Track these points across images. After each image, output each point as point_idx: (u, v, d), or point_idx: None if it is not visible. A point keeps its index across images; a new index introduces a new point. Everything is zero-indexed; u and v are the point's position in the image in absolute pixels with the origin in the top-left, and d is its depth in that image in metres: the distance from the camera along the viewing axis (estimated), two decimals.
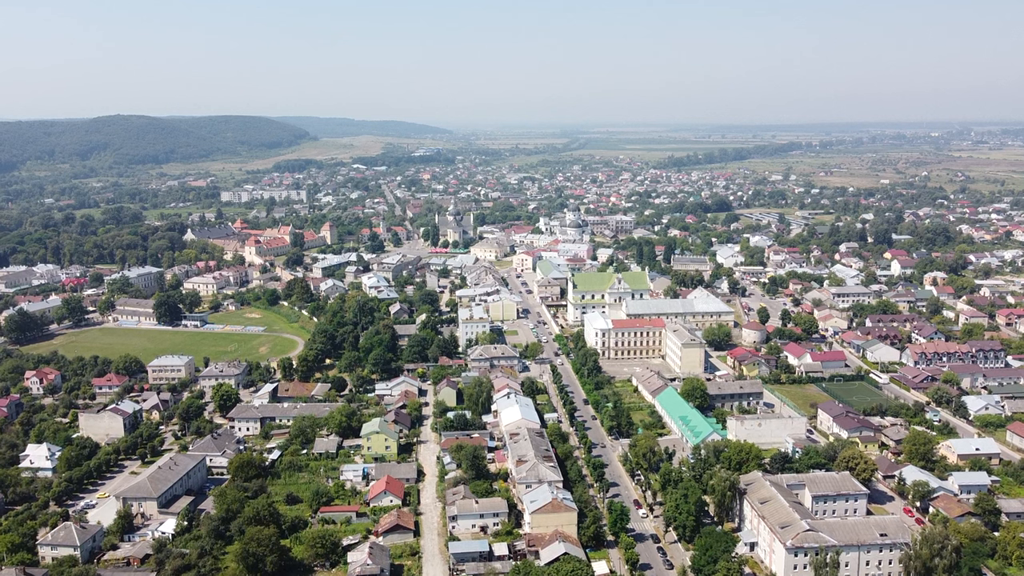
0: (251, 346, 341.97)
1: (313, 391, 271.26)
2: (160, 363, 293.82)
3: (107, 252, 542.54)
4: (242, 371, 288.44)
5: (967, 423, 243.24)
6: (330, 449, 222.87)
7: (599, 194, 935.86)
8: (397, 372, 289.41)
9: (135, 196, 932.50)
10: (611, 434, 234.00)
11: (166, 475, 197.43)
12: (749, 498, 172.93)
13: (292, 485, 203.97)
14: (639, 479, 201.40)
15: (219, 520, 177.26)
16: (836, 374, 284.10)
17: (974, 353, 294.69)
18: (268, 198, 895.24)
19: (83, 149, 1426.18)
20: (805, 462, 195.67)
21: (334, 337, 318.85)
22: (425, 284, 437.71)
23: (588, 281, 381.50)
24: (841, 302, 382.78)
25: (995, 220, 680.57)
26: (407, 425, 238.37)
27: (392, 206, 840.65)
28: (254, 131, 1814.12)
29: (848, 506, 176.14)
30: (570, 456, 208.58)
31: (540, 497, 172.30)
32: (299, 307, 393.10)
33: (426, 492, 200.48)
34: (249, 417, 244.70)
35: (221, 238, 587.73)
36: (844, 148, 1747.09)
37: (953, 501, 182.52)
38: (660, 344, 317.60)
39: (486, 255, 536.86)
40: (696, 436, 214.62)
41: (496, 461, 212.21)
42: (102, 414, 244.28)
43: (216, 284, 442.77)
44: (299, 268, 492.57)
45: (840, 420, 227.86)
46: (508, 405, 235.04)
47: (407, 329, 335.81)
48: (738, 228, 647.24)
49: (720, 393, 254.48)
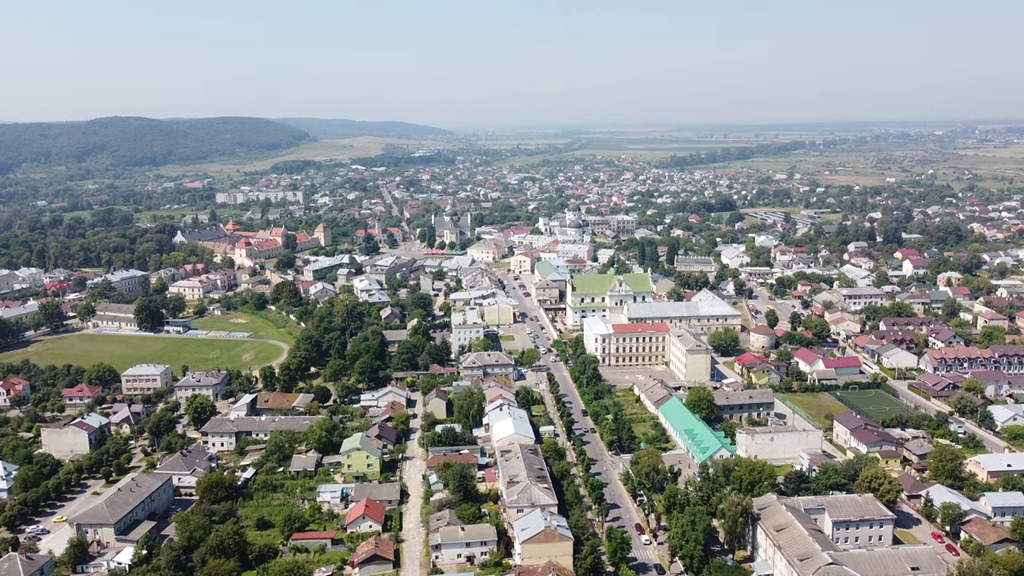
0: (234, 353, 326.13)
1: (295, 402, 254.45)
2: (135, 372, 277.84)
3: (94, 255, 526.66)
4: (221, 381, 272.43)
5: (994, 435, 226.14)
6: (308, 467, 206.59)
7: (600, 194, 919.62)
8: (385, 381, 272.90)
9: (129, 198, 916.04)
10: (611, 449, 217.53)
11: (126, 498, 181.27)
12: (763, 524, 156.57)
13: (265, 508, 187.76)
14: (642, 500, 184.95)
15: (180, 549, 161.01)
16: (851, 381, 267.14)
17: (997, 358, 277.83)
18: (264, 199, 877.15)
19: (80, 151, 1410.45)
20: (823, 482, 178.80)
21: (320, 344, 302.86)
22: (419, 287, 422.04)
23: (588, 283, 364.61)
24: (853, 304, 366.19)
25: (1006, 218, 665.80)
26: (392, 440, 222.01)
27: (390, 207, 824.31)
28: (253, 132, 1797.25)
29: (873, 533, 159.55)
30: (567, 475, 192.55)
31: (532, 524, 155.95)
32: (287, 312, 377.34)
33: (410, 515, 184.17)
34: (223, 431, 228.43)
35: (212, 240, 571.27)
36: (848, 147, 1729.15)
37: (987, 525, 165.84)
38: (663, 350, 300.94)
39: (483, 256, 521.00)
40: (703, 452, 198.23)
41: (487, 480, 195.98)
42: (66, 429, 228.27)
43: (203, 288, 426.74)
44: (290, 271, 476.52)
45: (858, 433, 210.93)
46: (500, 418, 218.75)
47: (397, 335, 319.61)
48: (743, 228, 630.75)
49: (728, 403, 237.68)
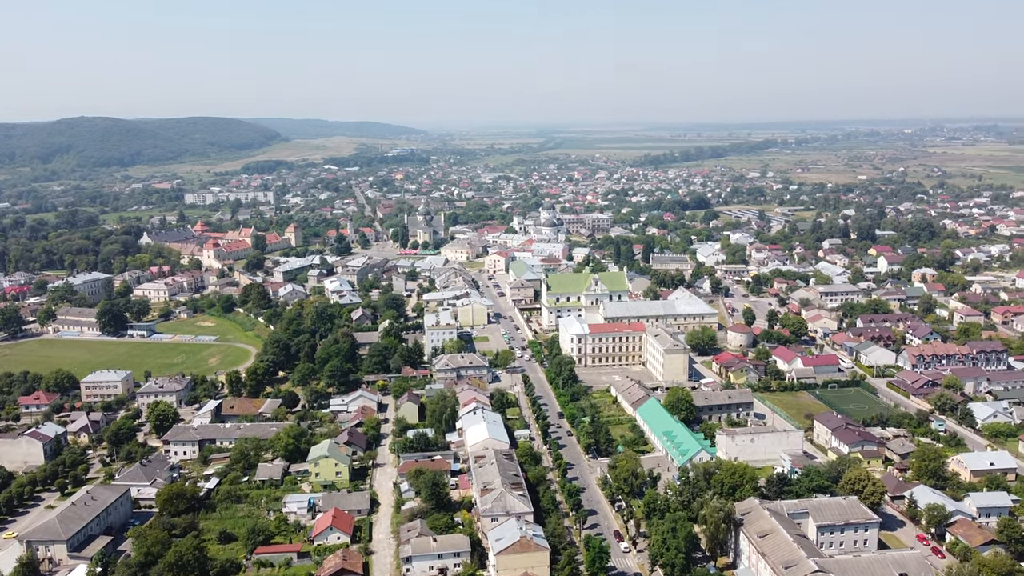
0: (200, 357, 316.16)
1: (261, 408, 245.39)
2: (94, 379, 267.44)
3: (57, 258, 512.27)
4: (185, 386, 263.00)
5: (975, 433, 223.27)
6: (274, 476, 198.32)
7: (575, 193, 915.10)
8: (355, 385, 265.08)
9: (96, 199, 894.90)
10: (588, 452, 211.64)
11: (80, 512, 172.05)
12: (746, 530, 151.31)
13: (228, 520, 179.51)
14: (620, 506, 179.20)
15: (137, 566, 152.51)
16: (830, 380, 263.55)
17: (975, 355, 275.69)
18: (234, 200, 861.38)
19: (45, 152, 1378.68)
20: (806, 484, 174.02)
21: (289, 347, 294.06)
22: (391, 288, 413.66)
23: (563, 282, 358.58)
24: (829, 301, 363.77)
25: (977, 215, 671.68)
26: (362, 446, 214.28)
27: (362, 207, 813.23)
28: (224, 133, 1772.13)
29: (858, 537, 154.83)
30: (543, 480, 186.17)
31: (507, 535, 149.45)
32: (255, 314, 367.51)
33: (380, 525, 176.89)
34: (186, 440, 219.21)
35: (179, 242, 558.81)
36: (819, 145, 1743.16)
37: (973, 527, 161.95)
38: (641, 350, 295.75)
39: (457, 256, 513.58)
40: (683, 455, 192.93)
41: (460, 487, 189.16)
42: (20, 439, 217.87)
43: (168, 291, 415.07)
44: (259, 272, 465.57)
45: (840, 433, 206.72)
46: (474, 422, 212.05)
47: (369, 337, 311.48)
48: (717, 225, 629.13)
49: (707, 404, 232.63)
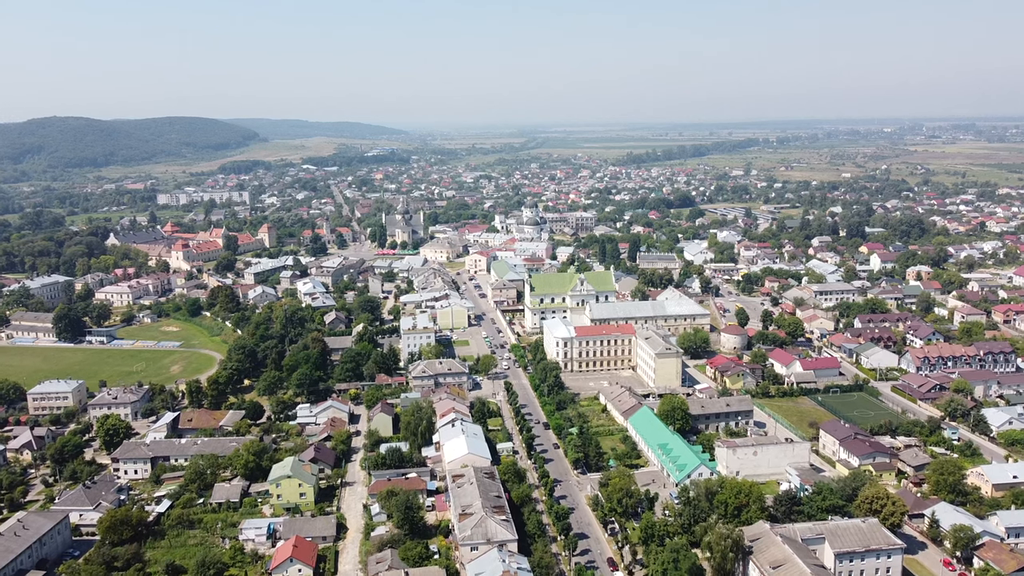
0: (161, 365, 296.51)
1: (222, 420, 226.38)
2: (42, 390, 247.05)
3: (17, 260, 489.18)
4: (142, 397, 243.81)
5: (990, 441, 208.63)
6: (232, 497, 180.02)
7: (558, 191, 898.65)
8: (326, 394, 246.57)
9: (66, 200, 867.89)
10: (577, 468, 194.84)
11: (9, 544, 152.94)
12: (756, 559, 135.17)
13: (179, 549, 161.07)
14: (614, 529, 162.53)
15: None
16: (832, 384, 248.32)
17: (982, 356, 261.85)
18: (208, 200, 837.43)
19: (15, 152, 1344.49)
20: (818, 504, 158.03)
21: (255, 353, 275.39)
22: (367, 289, 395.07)
23: (547, 283, 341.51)
24: (824, 300, 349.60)
25: (964, 211, 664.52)
26: (330, 463, 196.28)
27: (340, 207, 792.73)
28: (200, 133, 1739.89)
29: (880, 564, 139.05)
30: (528, 500, 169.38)
31: (488, 567, 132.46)
32: (223, 318, 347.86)
33: (347, 554, 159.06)
34: (137, 457, 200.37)
35: (147, 243, 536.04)
36: (801, 143, 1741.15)
37: (1003, 550, 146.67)
38: (630, 354, 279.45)
39: (437, 256, 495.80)
40: (680, 471, 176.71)
41: (437, 508, 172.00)
42: None
43: (132, 294, 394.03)
44: (229, 274, 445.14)
45: (848, 444, 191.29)
46: (453, 435, 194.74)
47: (341, 342, 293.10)
48: (704, 223, 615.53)
49: (704, 412, 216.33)
